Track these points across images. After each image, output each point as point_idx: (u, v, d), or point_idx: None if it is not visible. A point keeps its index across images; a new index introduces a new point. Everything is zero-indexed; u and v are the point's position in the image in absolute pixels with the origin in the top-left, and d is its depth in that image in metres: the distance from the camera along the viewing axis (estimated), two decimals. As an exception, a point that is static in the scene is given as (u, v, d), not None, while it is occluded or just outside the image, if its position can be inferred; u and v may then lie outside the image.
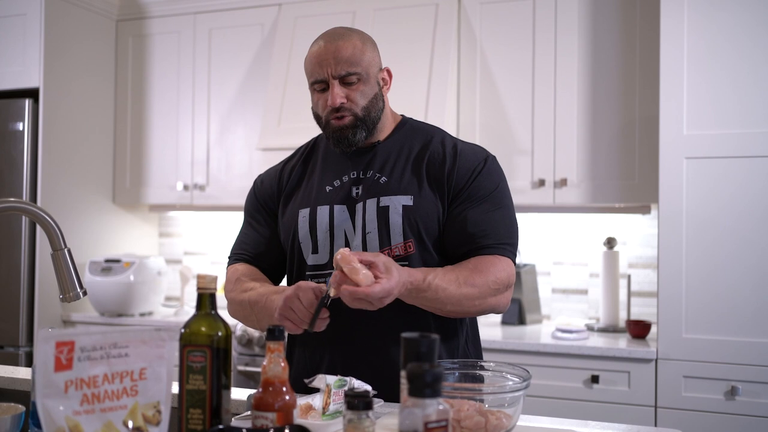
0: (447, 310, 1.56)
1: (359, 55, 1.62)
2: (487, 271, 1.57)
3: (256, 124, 3.57)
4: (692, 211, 2.67)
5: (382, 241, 1.61)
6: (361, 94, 1.63)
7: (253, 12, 3.65)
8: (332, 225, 1.65)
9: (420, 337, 1.02)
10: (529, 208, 3.23)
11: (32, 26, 3.51)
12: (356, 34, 1.66)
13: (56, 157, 3.55)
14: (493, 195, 1.65)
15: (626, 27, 3.05)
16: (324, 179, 1.71)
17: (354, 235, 1.64)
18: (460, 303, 1.55)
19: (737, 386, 2.57)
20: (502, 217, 1.64)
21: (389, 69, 1.73)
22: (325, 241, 1.66)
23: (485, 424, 1.23)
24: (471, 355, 1.72)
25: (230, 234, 3.92)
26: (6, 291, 3.48)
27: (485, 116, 3.23)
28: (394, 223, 1.61)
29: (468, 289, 1.54)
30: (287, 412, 1.13)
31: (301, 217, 1.69)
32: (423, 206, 1.62)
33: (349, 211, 1.65)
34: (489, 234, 1.61)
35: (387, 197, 1.63)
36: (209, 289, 1.20)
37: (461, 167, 1.65)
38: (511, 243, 1.64)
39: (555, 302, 3.43)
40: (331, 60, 1.61)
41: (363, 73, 1.63)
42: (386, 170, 1.67)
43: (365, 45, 1.65)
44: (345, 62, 1.61)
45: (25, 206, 1.55)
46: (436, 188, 1.64)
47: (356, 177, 1.68)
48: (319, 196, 1.69)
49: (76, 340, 1.02)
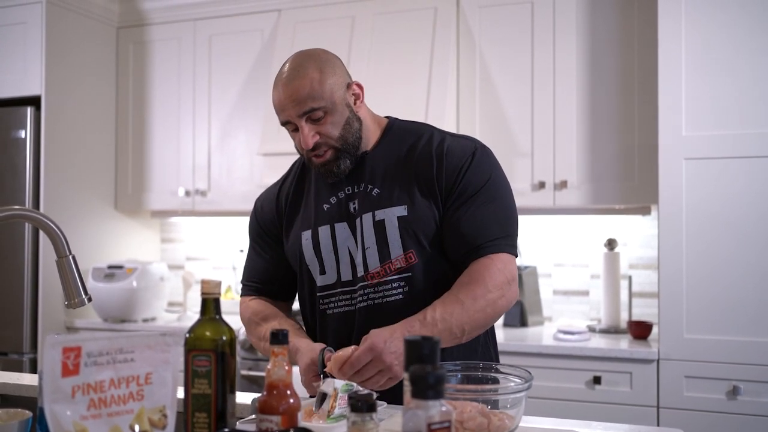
0: (468, 333, 1.55)
1: (318, 89, 1.56)
2: (482, 279, 1.55)
3: (257, 129, 3.58)
4: (692, 211, 2.68)
5: (382, 256, 1.61)
6: (331, 126, 1.59)
7: (252, 18, 3.67)
8: (335, 244, 1.65)
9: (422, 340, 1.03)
10: (530, 210, 3.24)
11: (33, 34, 3.53)
12: (312, 65, 1.58)
13: (58, 164, 3.56)
14: (483, 189, 1.61)
15: (624, 29, 3.06)
16: (320, 197, 1.70)
17: (357, 251, 1.63)
18: (474, 320, 1.54)
19: (739, 386, 2.58)
20: (494, 211, 1.61)
21: (358, 83, 1.65)
22: (330, 261, 1.66)
23: (488, 426, 1.24)
24: (491, 351, 1.73)
25: (232, 239, 3.95)
26: (10, 298, 3.49)
27: (485, 119, 3.24)
28: (391, 236, 1.60)
29: (473, 304, 1.53)
30: (292, 415, 1.14)
31: (304, 240, 1.68)
32: (418, 214, 1.61)
33: (350, 228, 1.64)
34: (482, 233, 1.58)
35: (381, 210, 1.61)
36: (213, 294, 1.21)
37: (448, 167, 1.62)
38: (506, 235, 1.61)
39: (556, 304, 3.44)
40: (291, 103, 1.56)
41: (327, 104, 1.57)
42: (377, 181, 1.65)
43: (323, 74, 1.57)
44: (305, 101, 1.55)
45: (30, 214, 1.56)
46: (428, 192, 1.62)
47: (350, 192, 1.66)
48: (318, 217, 1.68)
49: (82, 345, 1.03)
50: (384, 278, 1.60)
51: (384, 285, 1.61)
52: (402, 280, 1.60)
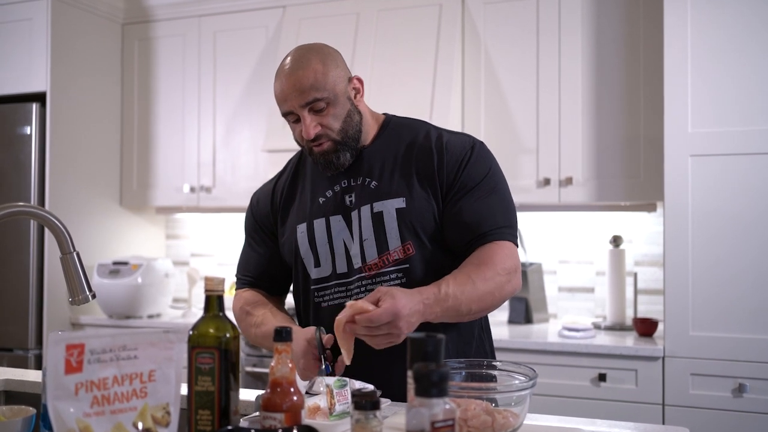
0: (473, 313, 1.56)
1: (322, 80, 1.58)
2: (492, 261, 1.57)
3: (261, 126, 3.58)
4: (698, 208, 2.67)
5: (380, 247, 1.62)
6: (333, 118, 1.60)
7: (257, 14, 3.67)
8: (330, 236, 1.66)
9: (426, 337, 1.03)
10: (535, 207, 3.23)
11: (38, 30, 3.53)
12: (315, 57, 1.60)
13: (63, 161, 3.57)
14: (484, 181, 1.64)
15: (630, 25, 3.05)
16: (316, 191, 1.71)
17: (352, 243, 1.64)
18: (482, 300, 1.55)
19: (745, 383, 2.57)
20: (497, 202, 1.64)
21: (359, 77, 1.68)
22: (326, 254, 1.67)
23: (492, 423, 1.24)
24: (486, 344, 1.74)
25: (237, 235, 3.94)
26: (15, 294, 3.50)
27: (490, 116, 3.23)
28: (389, 227, 1.61)
29: (483, 285, 1.54)
30: (295, 413, 1.14)
31: (299, 232, 1.70)
32: (416, 206, 1.62)
33: (345, 220, 1.66)
34: (485, 221, 1.60)
35: (379, 202, 1.63)
36: (217, 291, 1.21)
37: (449, 161, 1.64)
38: (509, 225, 1.63)
39: (561, 301, 3.43)
40: (294, 92, 1.58)
41: (330, 96, 1.59)
42: (375, 174, 1.66)
43: (326, 66, 1.60)
44: (308, 91, 1.57)
45: (34, 210, 1.56)
46: (428, 185, 1.64)
47: (347, 185, 1.68)
48: (313, 210, 1.69)
49: (86, 342, 1.03)
50: (382, 269, 1.62)
51: (382, 276, 1.62)
52: (400, 271, 1.62)
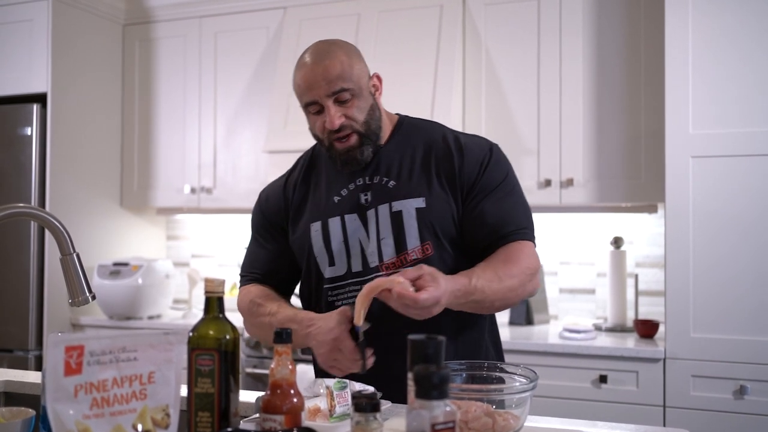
0: (495, 307, 1.57)
1: (348, 71, 1.58)
2: (518, 259, 1.58)
3: (262, 127, 3.58)
4: (699, 209, 2.67)
5: (399, 247, 1.61)
6: (357, 110, 1.61)
7: (258, 15, 3.66)
8: (346, 235, 1.65)
9: (427, 339, 1.03)
10: (536, 208, 3.18)
11: (39, 31, 3.53)
12: (340, 49, 1.62)
13: (64, 162, 3.56)
14: (504, 183, 1.66)
15: (631, 26, 3.05)
16: (331, 189, 1.70)
17: (368, 242, 1.63)
18: (506, 297, 1.56)
19: (746, 385, 2.57)
20: (516, 203, 1.66)
21: (378, 74, 1.69)
22: (340, 253, 1.65)
23: (492, 425, 1.23)
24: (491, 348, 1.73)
25: (237, 236, 3.95)
26: (15, 295, 3.50)
27: (491, 117, 3.23)
28: (409, 227, 1.60)
29: (509, 281, 1.55)
30: (295, 415, 1.13)
31: (313, 231, 1.68)
32: (436, 206, 1.62)
33: (361, 219, 1.64)
34: (508, 222, 1.62)
35: (398, 201, 1.62)
36: (217, 293, 1.21)
37: (469, 162, 1.64)
38: (530, 226, 1.67)
39: (562, 302, 3.43)
40: (321, 81, 1.57)
41: (355, 87, 1.59)
42: (393, 173, 1.66)
43: (351, 58, 1.61)
44: (335, 80, 1.57)
45: (33, 211, 1.56)
46: (448, 186, 1.64)
47: (363, 183, 1.67)
48: (328, 208, 1.68)
49: (85, 344, 1.03)
50: (399, 269, 1.60)
51: None
52: None
